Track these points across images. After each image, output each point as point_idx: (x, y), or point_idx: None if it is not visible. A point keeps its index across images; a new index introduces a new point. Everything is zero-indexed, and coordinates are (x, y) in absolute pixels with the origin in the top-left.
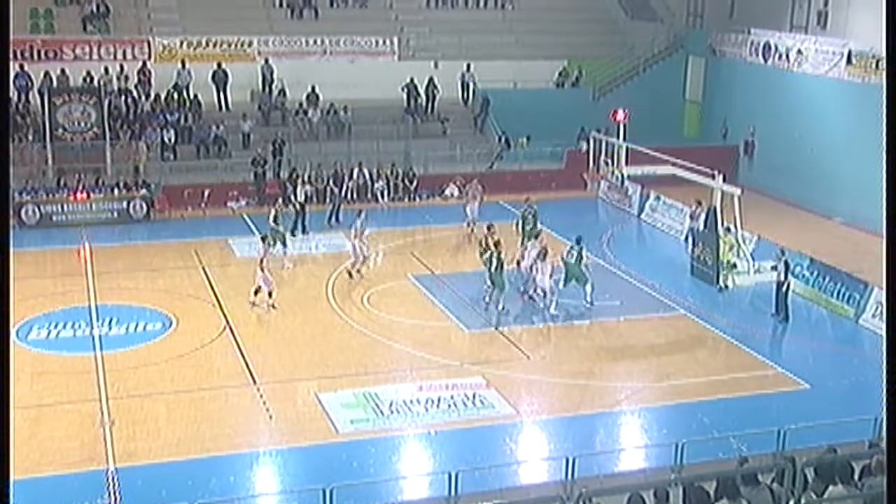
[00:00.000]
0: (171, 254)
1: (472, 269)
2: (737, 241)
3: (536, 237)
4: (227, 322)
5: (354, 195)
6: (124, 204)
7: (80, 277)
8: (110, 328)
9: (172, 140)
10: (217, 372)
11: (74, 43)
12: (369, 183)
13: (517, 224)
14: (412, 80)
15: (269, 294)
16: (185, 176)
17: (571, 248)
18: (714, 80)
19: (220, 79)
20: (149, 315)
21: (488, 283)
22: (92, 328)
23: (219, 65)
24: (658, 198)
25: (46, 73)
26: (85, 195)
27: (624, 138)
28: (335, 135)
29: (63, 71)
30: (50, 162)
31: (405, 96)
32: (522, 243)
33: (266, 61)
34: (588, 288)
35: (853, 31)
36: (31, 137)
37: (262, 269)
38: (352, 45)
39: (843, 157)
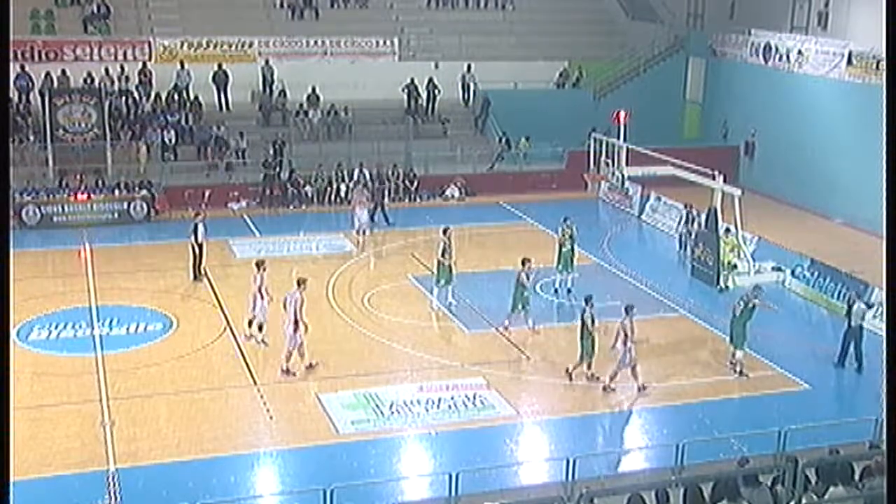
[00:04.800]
0: (172, 254)
1: (472, 269)
2: (737, 241)
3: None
4: (228, 323)
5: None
6: (125, 205)
7: (80, 278)
8: (111, 329)
9: (173, 141)
10: (217, 372)
11: (75, 44)
12: (370, 184)
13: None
14: (413, 80)
15: (259, 327)
16: (185, 177)
17: (563, 228)
18: (714, 80)
19: (220, 80)
20: (149, 316)
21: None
22: (92, 329)
23: (219, 66)
24: (658, 198)
25: (47, 74)
26: (85, 196)
27: (624, 139)
28: (336, 135)
29: (64, 72)
30: (50, 163)
31: (406, 97)
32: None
33: (266, 62)
34: (572, 275)
35: (853, 31)
36: (31, 138)
37: (263, 297)
38: (352, 46)
39: (843, 158)
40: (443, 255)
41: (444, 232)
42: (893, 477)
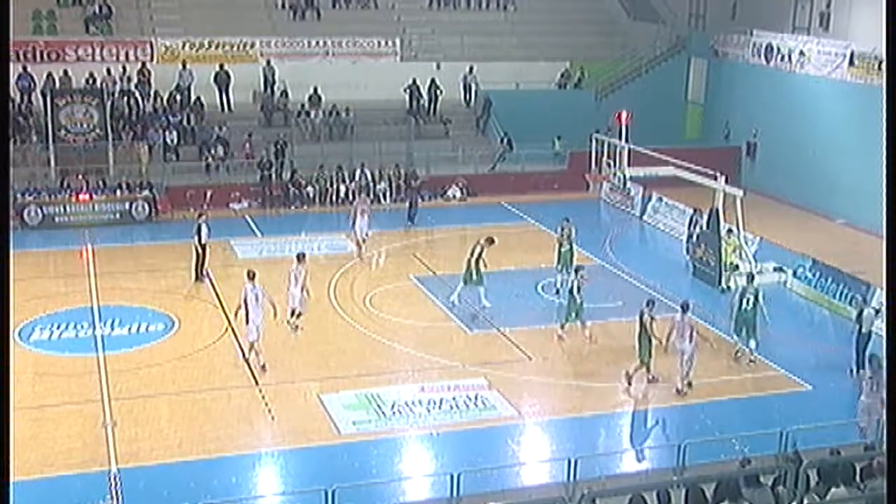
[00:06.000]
0: (173, 255)
1: None
2: (739, 242)
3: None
4: (229, 323)
5: (356, 196)
6: (127, 205)
7: (82, 278)
8: (112, 329)
9: (175, 141)
10: (219, 373)
11: (77, 44)
12: (371, 184)
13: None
14: (414, 81)
15: (298, 315)
16: (187, 177)
17: (562, 228)
18: (716, 81)
19: (222, 80)
20: (151, 316)
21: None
22: (94, 329)
23: (221, 66)
24: (660, 199)
25: (49, 75)
26: (87, 196)
27: (626, 140)
28: (337, 136)
29: (66, 72)
30: (52, 163)
31: (407, 97)
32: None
33: (268, 62)
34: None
35: (855, 32)
36: (33, 139)
37: (303, 291)
38: (354, 47)
39: (845, 159)
40: (478, 258)
41: (487, 240)
42: (894, 477)
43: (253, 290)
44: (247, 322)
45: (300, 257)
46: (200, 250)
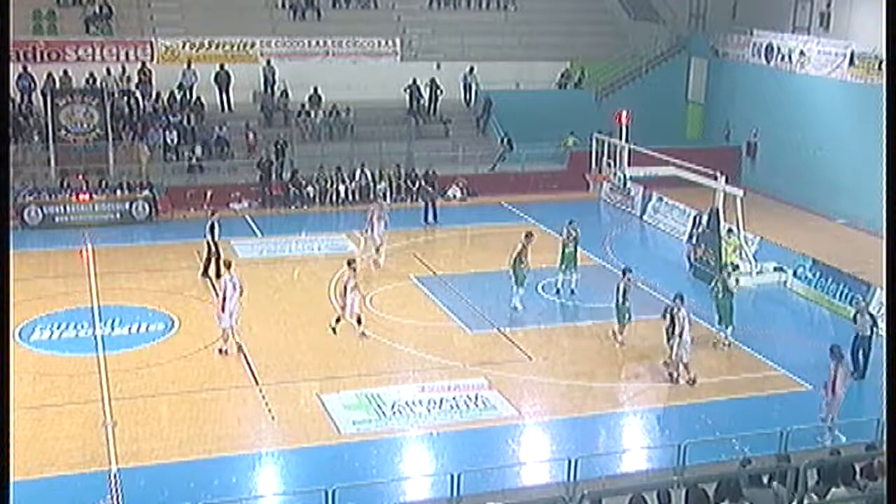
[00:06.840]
0: (174, 255)
1: (474, 270)
2: (739, 242)
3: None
4: None
5: (356, 196)
6: (127, 205)
7: (82, 278)
8: (113, 329)
9: (175, 141)
10: (219, 373)
11: (77, 44)
12: (371, 184)
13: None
14: (415, 81)
15: (357, 320)
16: (187, 177)
17: (568, 230)
18: (716, 81)
19: (222, 80)
20: (151, 316)
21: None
22: (94, 329)
23: (221, 66)
24: (660, 199)
25: (49, 75)
26: (88, 196)
27: (626, 139)
28: (338, 136)
29: (66, 72)
30: (53, 163)
31: (407, 97)
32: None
33: (268, 62)
34: (575, 276)
35: (856, 32)
36: (33, 139)
37: (351, 292)
38: (354, 47)
39: (845, 159)
40: (521, 259)
41: (526, 236)
42: (894, 477)
43: (231, 280)
44: (223, 309)
45: (350, 263)
46: (214, 248)
